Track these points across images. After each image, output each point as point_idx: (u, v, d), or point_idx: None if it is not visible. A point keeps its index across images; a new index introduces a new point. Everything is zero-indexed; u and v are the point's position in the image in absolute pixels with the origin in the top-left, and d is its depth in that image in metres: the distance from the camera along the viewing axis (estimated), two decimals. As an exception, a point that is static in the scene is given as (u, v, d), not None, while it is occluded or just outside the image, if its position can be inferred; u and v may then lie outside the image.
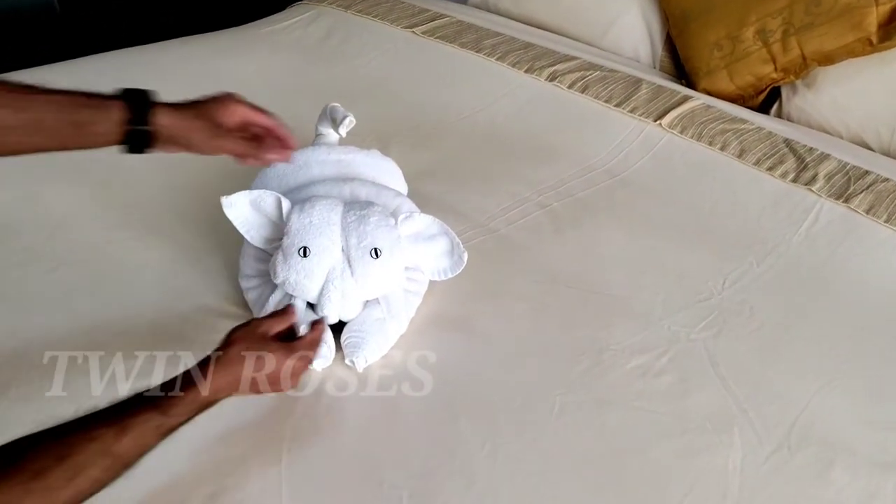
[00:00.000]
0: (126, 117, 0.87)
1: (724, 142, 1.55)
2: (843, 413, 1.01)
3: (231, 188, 1.08)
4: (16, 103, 0.82)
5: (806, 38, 1.65)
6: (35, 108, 0.83)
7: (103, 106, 0.87)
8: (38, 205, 1.26)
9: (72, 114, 0.85)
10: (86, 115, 0.86)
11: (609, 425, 0.97)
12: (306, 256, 1.00)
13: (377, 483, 0.88)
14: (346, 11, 2.06)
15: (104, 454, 0.69)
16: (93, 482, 0.68)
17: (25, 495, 0.63)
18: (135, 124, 0.87)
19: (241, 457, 0.89)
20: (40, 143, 0.86)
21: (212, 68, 1.77)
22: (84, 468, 0.67)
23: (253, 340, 0.87)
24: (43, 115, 0.84)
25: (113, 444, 0.70)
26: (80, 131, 0.86)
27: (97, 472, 0.68)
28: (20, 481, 0.64)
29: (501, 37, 1.95)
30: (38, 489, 0.64)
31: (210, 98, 0.94)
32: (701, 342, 1.10)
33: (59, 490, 0.66)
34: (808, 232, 1.34)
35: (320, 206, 1.02)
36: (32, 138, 0.85)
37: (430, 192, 1.33)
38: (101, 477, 0.69)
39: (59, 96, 0.85)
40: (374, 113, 1.56)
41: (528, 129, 1.62)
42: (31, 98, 0.83)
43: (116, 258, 1.18)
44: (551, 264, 1.23)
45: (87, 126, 0.86)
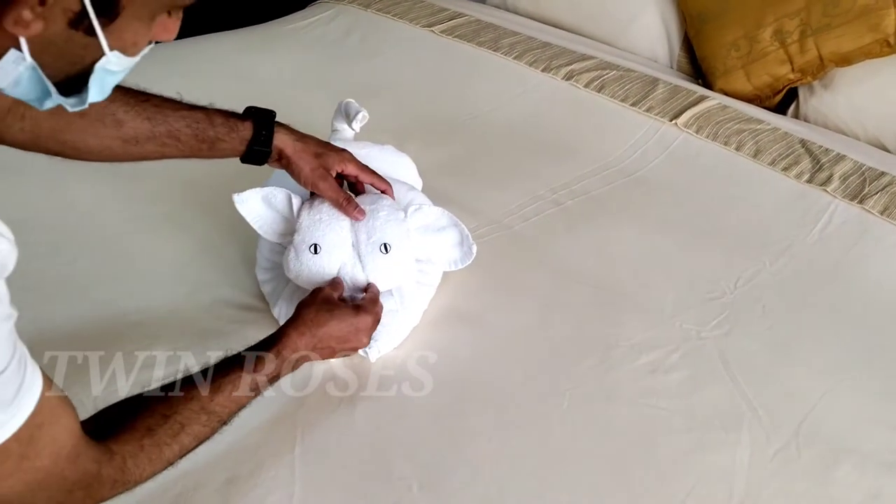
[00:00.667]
0: (251, 137, 0.99)
1: (740, 142, 1.55)
2: (852, 412, 1.02)
3: (249, 183, 1.10)
4: (155, 117, 0.94)
5: (823, 40, 1.64)
6: (170, 123, 0.95)
7: (233, 126, 0.99)
8: (61, 197, 1.29)
9: (204, 130, 0.97)
10: (216, 132, 0.98)
11: (617, 421, 0.98)
12: (317, 253, 1.01)
13: (387, 473, 0.89)
14: (366, 10, 2.08)
15: (202, 411, 0.77)
16: (194, 437, 0.76)
17: (139, 451, 0.71)
18: (258, 145, 0.99)
19: (256, 445, 0.91)
20: (172, 153, 0.98)
21: (234, 64, 1.79)
22: (186, 425, 0.75)
23: (321, 303, 0.94)
24: (177, 130, 0.96)
25: (208, 402, 0.77)
26: (208, 146, 0.99)
27: (197, 428, 0.76)
28: (136, 437, 0.71)
29: (519, 36, 1.96)
30: (149, 445, 0.72)
31: (330, 144, 1.05)
32: (712, 340, 1.10)
33: (166, 446, 0.73)
34: (822, 232, 1.34)
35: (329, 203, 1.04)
36: (166, 149, 0.97)
37: (446, 188, 1.34)
38: (201, 432, 0.77)
39: (194, 112, 0.97)
40: (391, 109, 1.58)
41: (544, 127, 1.63)
42: (168, 113, 0.95)
43: (137, 250, 1.20)
44: (564, 261, 1.24)
45: (216, 142, 0.98)
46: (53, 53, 0.57)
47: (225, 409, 0.80)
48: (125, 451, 0.70)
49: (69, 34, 0.56)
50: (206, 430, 0.78)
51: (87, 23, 0.56)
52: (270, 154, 1.01)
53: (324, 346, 0.92)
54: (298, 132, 1.03)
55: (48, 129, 0.89)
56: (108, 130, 0.92)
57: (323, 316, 0.92)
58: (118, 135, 0.93)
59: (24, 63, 0.56)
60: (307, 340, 0.90)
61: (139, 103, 0.94)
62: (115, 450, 0.70)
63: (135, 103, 0.93)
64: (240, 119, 1.00)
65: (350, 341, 0.95)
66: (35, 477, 0.63)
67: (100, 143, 0.93)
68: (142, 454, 0.71)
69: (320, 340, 0.91)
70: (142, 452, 0.71)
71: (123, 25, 0.58)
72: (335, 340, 0.93)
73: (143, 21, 0.60)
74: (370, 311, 0.96)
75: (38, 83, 0.59)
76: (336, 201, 1.02)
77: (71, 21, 0.55)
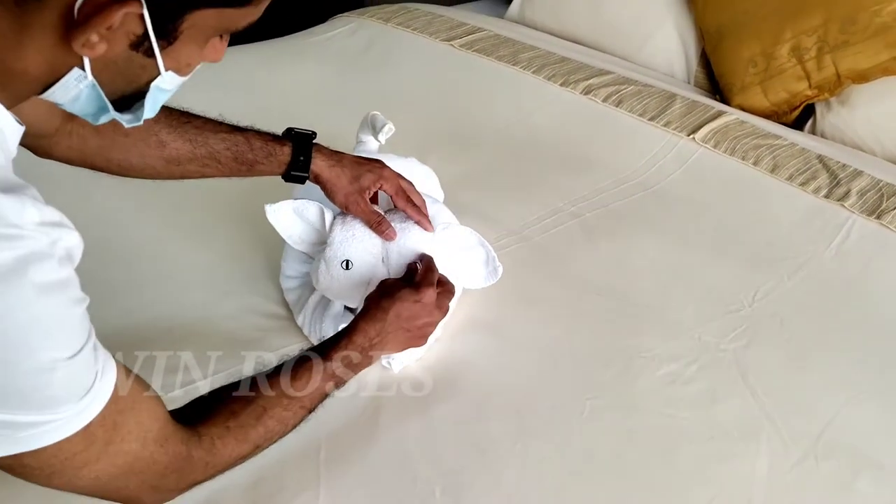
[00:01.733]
0: (289, 160, 1.02)
1: (758, 157, 1.56)
2: (870, 425, 1.02)
3: (275, 191, 1.12)
4: (196, 139, 0.98)
5: (841, 57, 1.66)
6: (211, 145, 0.99)
7: (271, 150, 1.02)
8: (89, 205, 1.31)
9: (243, 153, 1.01)
10: (254, 155, 1.01)
11: (637, 430, 0.99)
12: (349, 269, 1.03)
13: (411, 478, 0.91)
14: (386, 24, 2.11)
15: (282, 396, 0.80)
16: (278, 420, 0.80)
17: (226, 432, 0.74)
18: (296, 170, 1.03)
19: (281, 448, 0.92)
20: (212, 173, 1.02)
21: (256, 77, 1.82)
22: (268, 408, 0.78)
23: (384, 290, 0.97)
24: (217, 152, 1.00)
25: (287, 387, 0.81)
26: (247, 168, 1.03)
27: (279, 411, 0.79)
28: (221, 420, 0.75)
29: (537, 51, 1.98)
30: (234, 426, 0.75)
31: (367, 160, 1.07)
32: (731, 352, 1.11)
33: (251, 427, 0.76)
34: (839, 247, 1.35)
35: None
36: (206, 169, 1.01)
37: (466, 200, 1.36)
38: (284, 416, 0.80)
39: (234, 135, 1.01)
40: (412, 123, 1.59)
41: (563, 140, 1.64)
42: (209, 135, 0.99)
43: (163, 258, 1.23)
44: (583, 273, 1.26)
45: (255, 164, 1.02)
46: (112, 72, 0.60)
47: (306, 395, 0.82)
48: (212, 433, 0.73)
49: (129, 55, 0.59)
50: (289, 415, 0.81)
51: (147, 45, 0.59)
52: (308, 177, 1.05)
53: (396, 329, 0.94)
54: (336, 154, 1.06)
55: (94, 146, 0.93)
56: (151, 150, 0.96)
57: (386, 301, 0.94)
58: (161, 155, 0.97)
59: (86, 81, 0.60)
60: (378, 326, 0.92)
61: (181, 125, 0.97)
62: (202, 432, 0.73)
63: (177, 125, 0.97)
64: (279, 142, 1.03)
65: (421, 317, 0.96)
66: (125, 460, 0.65)
67: (143, 162, 0.97)
68: (228, 435, 0.74)
69: (390, 324, 0.93)
70: (228, 433, 0.74)
71: (180, 48, 0.61)
72: (405, 320, 0.94)
73: (198, 44, 0.63)
74: (429, 281, 0.98)
75: (96, 100, 0.62)
76: (369, 222, 1.05)
77: (132, 43, 0.58)
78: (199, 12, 0.59)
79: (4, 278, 0.53)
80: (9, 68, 0.57)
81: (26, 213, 0.55)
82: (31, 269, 0.54)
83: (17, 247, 0.54)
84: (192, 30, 0.60)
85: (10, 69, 0.57)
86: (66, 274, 0.58)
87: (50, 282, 0.56)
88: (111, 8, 0.54)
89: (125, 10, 0.54)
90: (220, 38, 0.66)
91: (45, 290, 0.55)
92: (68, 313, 0.59)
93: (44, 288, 0.55)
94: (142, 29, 0.57)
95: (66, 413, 0.59)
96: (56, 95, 0.61)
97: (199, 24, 0.60)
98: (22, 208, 0.55)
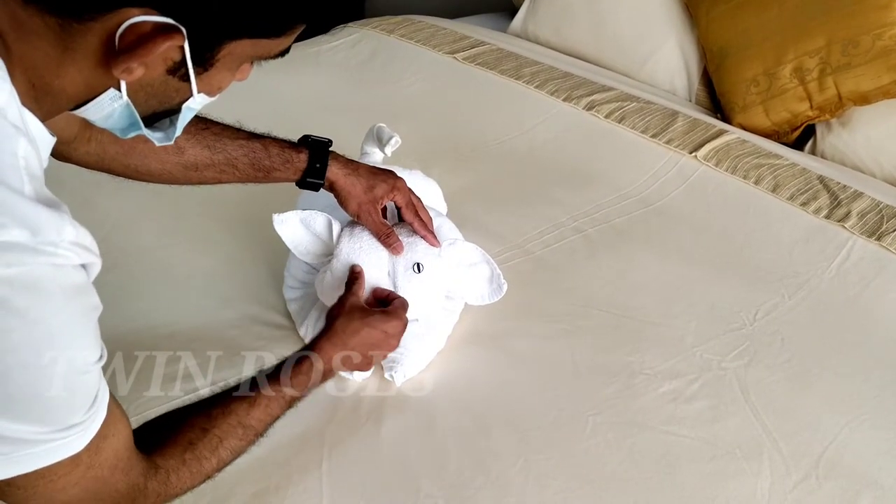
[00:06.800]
0: (305, 167, 1.03)
1: (759, 176, 1.57)
2: (871, 446, 1.02)
3: (277, 200, 1.12)
4: (214, 146, 0.99)
5: (842, 78, 1.67)
6: (228, 152, 1.00)
7: (288, 157, 1.03)
8: (91, 211, 1.30)
9: (260, 160, 1.02)
10: (271, 162, 1.02)
11: (639, 447, 0.99)
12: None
13: (414, 490, 0.90)
14: (389, 35, 2.12)
15: (238, 425, 0.78)
16: (231, 451, 0.77)
17: (182, 465, 0.73)
18: (312, 177, 1.04)
19: (283, 460, 0.92)
20: (229, 179, 1.02)
21: (259, 86, 1.81)
22: (224, 439, 0.76)
23: (351, 311, 0.95)
24: (235, 159, 1.00)
25: (245, 416, 0.79)
26: (264, 174, 1.03)
27: (234, 442, 0.77)
28: (178, 452, 0.73)
29: (540, 65, 1.99)
30: (190, 459, 0.73)
31: (382, 170, 1.07)
32: (732, 371, 1.12)
33: (206, 459, 0.75)
34: (839, 268, 1.35)
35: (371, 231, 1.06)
36: (223, 175, 1.02)
37: (469, 213, 1.36)
38: (238, 445, 0.78)
39: (251, 142, 1.01)
40: (414, 134, 1.60)
41: (565, 155, 1.65)
42: (227, 142, 1.00)
43: (164, 264, 1.22)
44: (585, 288, 1.26)
45: (272, 171, 1.03)
46: (147, 94, 0.62)
47: (261, 422, 0.81)
48: (169, 466, 0.72)
49: (166, 79, 0.61)
50: (243, 444, 0.79)
51: (184, 71, 0.60)
52: (323, 184, 1.05)
53: (356, 354, 0.93)
54: (352, 163, 1.07)
55: (113, 152, 0.93)
56: (169, 157, 0.97)
57: (354, 324, 0.93)
58: (179, 161, 0.98)
59: (120, 101, 0.61)
60: (340, 350, 0.92)
61: (199, 132, 0.98)
62: (160, 464, 0.71)
63: (195, 132, 0.98)
64: (295, 149, 1.04)
65: (381, 347, 0.96)
66: (94, 486, 0.65)
67: (161, 168, 0.97)
68: (184, 468, 0.73)
69: (353, 348, 0.93)
70: (183, 466, 0.73)
71: (214, 73, 0.63)
72: (367, 347, 0.94)
73: (231, 70, 0.64)
74: (400, 315, 0.98)
75: (128, 118, 0.64)
76: (378, 234, 1.05)
77: (169, 69, 0.60)
78: (236, 42, 0.60)
79: (36, 287, 0.54)
80: (47, 84, 0.58)
81: (65, 230, 0.55)
82: (59, 277, 0.55)
83: (51, 263, 0.55)
84: (227, 58, 0.62)
85: (48, 86, 0.58)
86: (86, 280, 0.60)
87: (76, 285, 0.57)
88: (155, 40, 0.55)
89: (169, 43, 0.55)
90: (251, 62, 0.67)
91: (71, 295, 0.57)
92: (90, 318, 0.60)
93: (70, 294, 0.57)
94: (180, 56, 0.59)
95: (72, 432, 0.59)
96: (89, 112, 0.63)
97: (236, 53, 0.62)
98: (61, 225, 0.55)
